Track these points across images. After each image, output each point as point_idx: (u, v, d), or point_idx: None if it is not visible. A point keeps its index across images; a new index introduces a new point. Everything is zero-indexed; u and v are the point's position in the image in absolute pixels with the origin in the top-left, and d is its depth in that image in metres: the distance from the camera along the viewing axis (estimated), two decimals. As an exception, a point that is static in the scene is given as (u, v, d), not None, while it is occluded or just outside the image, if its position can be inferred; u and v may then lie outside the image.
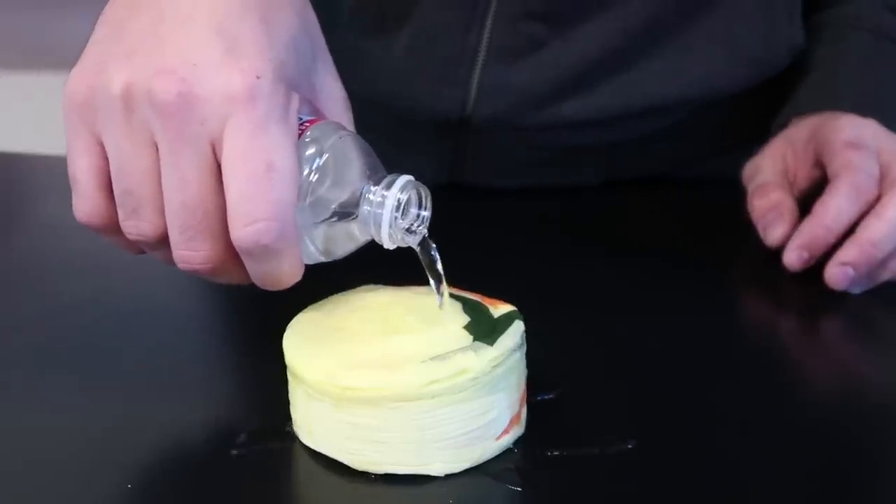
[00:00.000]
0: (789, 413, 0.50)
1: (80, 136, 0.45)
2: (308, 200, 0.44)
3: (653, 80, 0.74)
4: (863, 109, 0.69)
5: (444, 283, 0.47)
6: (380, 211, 0.45)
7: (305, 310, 0.49)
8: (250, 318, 0.60)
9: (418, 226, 0.46)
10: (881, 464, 0.47)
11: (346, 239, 0.46)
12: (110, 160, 0.45)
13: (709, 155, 0.82)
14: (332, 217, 0.45)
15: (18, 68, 1.47)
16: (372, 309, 0.48)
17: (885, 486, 0.46)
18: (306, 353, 0.46)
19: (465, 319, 0.47)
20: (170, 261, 0.45)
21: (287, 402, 0.48)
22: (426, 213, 0.46)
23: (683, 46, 0.73)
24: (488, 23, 0.72)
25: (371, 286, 0.51)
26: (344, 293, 0.50)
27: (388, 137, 0.79)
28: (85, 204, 0.46)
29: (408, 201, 0.46)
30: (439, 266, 0.47)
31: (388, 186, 0.45)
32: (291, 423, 0.48)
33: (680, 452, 0.47)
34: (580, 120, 0.75)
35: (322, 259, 0.47)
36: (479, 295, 0.49)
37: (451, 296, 0.49)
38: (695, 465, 0.46)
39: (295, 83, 0.45)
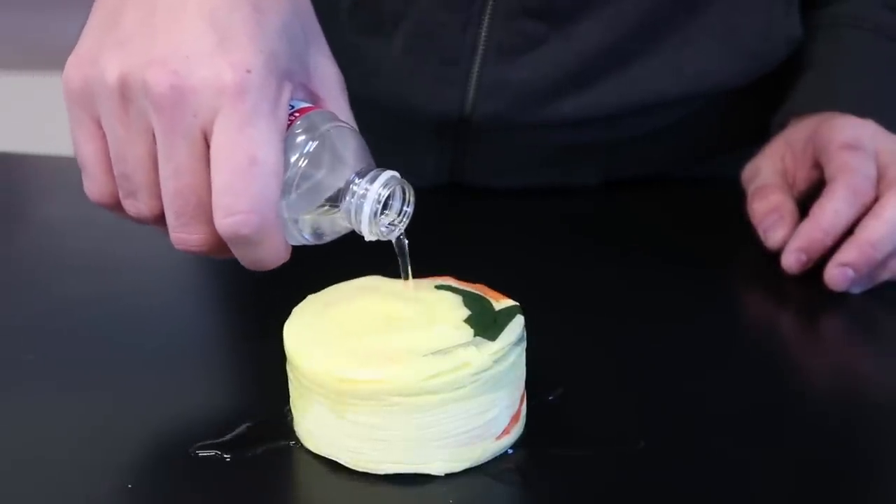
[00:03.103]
0: (789, 413, 0.50)
1: (82, 122, 0.46)
2: (295, 188, 0.45)
3: (652, 76, 0.74)
4: (861, 110, 0.68)
5: (409, 276, 0.49)
6: (362, 203, 0.45)
7: (306, 300, 0.49)
8: (250, 312, 0.60)
9: (400, 221, 0.47)
10: (881, 463, 0.47)
11: (332, 226, 0.47)
12: (109, 145, 0.46)
13: (708, 154, 0.82)
14: (318, 205, 0.46)
15: (18, 68, 1.47)
16: (372, 301, 0.48)
17: (886, 485, 0.46)
18: (306, 346, 0.46)
19: (466, 313, 0.47)
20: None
21: (287, 401, 0.48)
22: (409, 209, 0.48)
23: (681, 42, 0.73)
24: (485, 21, 0.72)
25: (372, 277, 0.51)
26: (344, 283, 0.50)
27: (388, 137, 0.79)
28: (95, 185, 0.48)
29: (392, 196, 0.46)
30: (407, 260, 0.49)
31: (372, 181, 0.46)
32: (292, 423, 0.48)
33: (680, 452, 0.47)
34: (579, 117, 0.75)
35: (309, 243, 0.47)
36: (481, 287, 0.49)
37: (452, 289, 0.49)
38: (694, 466, 0.46)
39: (288, 70, 0.46)
